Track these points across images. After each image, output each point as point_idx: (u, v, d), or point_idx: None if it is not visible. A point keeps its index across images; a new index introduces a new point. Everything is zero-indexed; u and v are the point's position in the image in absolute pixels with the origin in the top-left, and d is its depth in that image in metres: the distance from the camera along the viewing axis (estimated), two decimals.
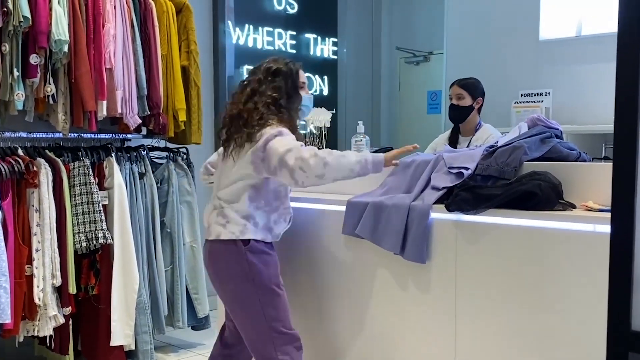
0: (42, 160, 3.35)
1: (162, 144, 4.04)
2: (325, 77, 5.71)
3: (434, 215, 2.32)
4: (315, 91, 5.61)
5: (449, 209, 2.20)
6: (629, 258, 1.00)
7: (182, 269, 3.89)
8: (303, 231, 2.82)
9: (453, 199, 2.18)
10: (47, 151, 3.46)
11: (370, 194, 2.63)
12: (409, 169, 2.58)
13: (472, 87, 3.85)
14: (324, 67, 5.73)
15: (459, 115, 3.85)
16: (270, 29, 5.30)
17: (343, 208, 2.62)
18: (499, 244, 2.19)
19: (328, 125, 3.05)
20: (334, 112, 3.10)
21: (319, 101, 5.55)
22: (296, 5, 5.48)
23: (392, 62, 6.37)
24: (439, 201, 2.32)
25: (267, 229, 2.49)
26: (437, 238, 2.34)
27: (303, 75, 2.64)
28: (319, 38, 5.68)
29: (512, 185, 2.11)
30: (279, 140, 2.35)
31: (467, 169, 2.31)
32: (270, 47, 5.27)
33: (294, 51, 5.45)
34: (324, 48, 5.72)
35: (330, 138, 3.67)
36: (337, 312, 2.74)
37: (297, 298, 2.82)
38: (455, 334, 2.34)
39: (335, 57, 5.83)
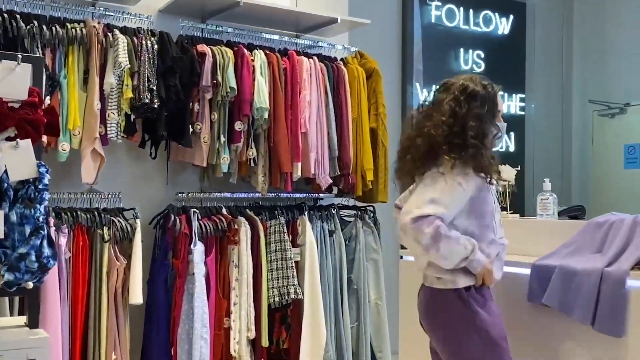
0: (242, 219, 3.59)
1: (351, 202, 4.17)
2: (512, 134, 5.59)
3: (631, 282, 2.15)
4: (501, 148, 5.50)
5: None
6: None
7: (368, 326, 3.93)
8: None
9: None
10: (247, 210, 3.72)
11: (555, 254, 2.50)
12: (600, 228, 2.43)
13: None
14: (511, 123, 5.61)
15: None
16: None
17: (526, 271, 2.51)
18: None
19: (512, 182, 2.97)
20: (519, 169, 3.00)
21: (505, 159, 5.42)
22: (483, 64, 5.47)
23: (584, 116, 6.10)
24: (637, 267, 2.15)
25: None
26: (636, 309, 2.17)
27: (501, 101, 2.49)
28: (506, 95, 5.60)
29: None
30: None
31: None
32: None
33: None
34: (510, 104, 5.63)
35: (516, 197, 3.56)
36: None
37: None
38: None
39: (522, 112, 5.70)
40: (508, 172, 3.31)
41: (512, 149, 5.59)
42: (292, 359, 3.65)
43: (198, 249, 3.41)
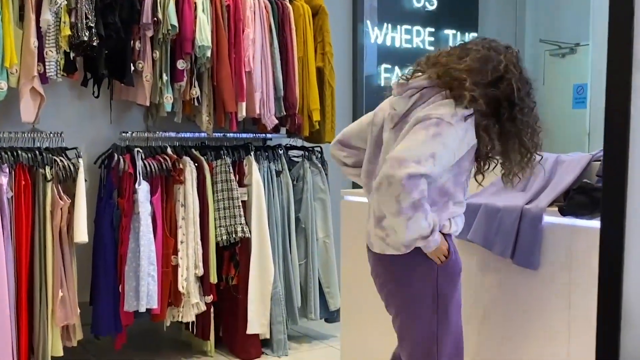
0: (187, 159, 3.61)
1: (299, 143, 4.20)
2: None
3: (548, 219, 2.24)
4: None
5: (563, 214, 2.12)
6: (617, 289, 0.90)
7: (315, 263, 4.03)
8: None
9: (568, 203, 2.10)
10: (193, 150, 3.73)
11: (483, 192, 2.57)
12: None
13: None
14: None
15: None
16: (409, 27, 5.31)
17: None
18: None
19: None
20: None
21: None
22: (435, 2, 5.45)
23: (536, 55, 6.14)
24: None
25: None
26: (551, 244, 2.26)
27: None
28: (459, 33, 5.59)
29: None
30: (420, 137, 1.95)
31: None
32: (409, 45, 5.28)
33: (431, 48, 5.42)
34: None
35: None
36: None
37: None
38: (568, 346, 2.25)
39: None
40: None
41: None
42: (241, 295, 3.73)
43: (143, 188, 3.43)
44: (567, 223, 2.19)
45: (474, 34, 5.67)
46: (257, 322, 3.69)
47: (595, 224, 2.08)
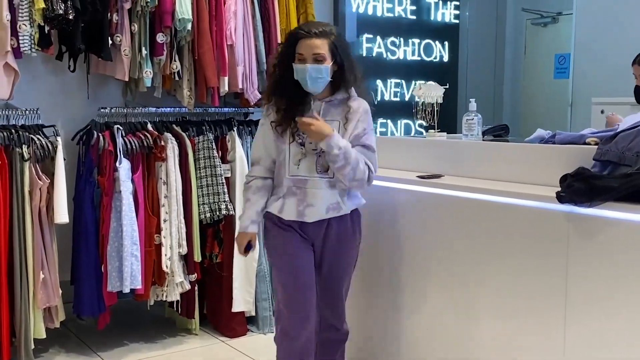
0: (169, 135, 3.52)
1: None
2: (446, 43, 5.55)
3: (545, 205, 2.20)
4: (435, 58, 5.48)
5: (561, 201, 2.08)
6: None
7: None
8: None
9: (566, 190, 2.06)
10: (174, 126, 3.64)
11: None
12: None
13: None
14: (445, 32, 5.57)
15: None
16: None
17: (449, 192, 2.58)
18: (617, 241, 2.04)
19: (440, 101, 2.94)
20: (447, 86, 2.98)
21: (439, 68, 5.42)
22: None
23: (517, 25, 6.09)
24: None
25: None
26: (548, 231, 2.23)
27: (300, 46, 2.41)
28: (440, 2, 5.52)
29: (632, 176, 1.96)
30: None
31: None
32: (390, 14, 5.20)
33: (413, 17, 5.34)
34: (445, 12, 5.55)
35: (450, 109, 3.55)
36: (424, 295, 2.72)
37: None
38: (564, 335, 2.23)
39: (457, 21, 5.63)
40: (435, 91, 3.28)
41: (445, 59, 5.56)
42: (226, 272, 3.69)
43: (124, 167, 3.35)
44: (564, 210, 2.15)
45: (456, 3, 5.60)
46: (242, 300, 3.66)
47: (593, 211, 2.05)
